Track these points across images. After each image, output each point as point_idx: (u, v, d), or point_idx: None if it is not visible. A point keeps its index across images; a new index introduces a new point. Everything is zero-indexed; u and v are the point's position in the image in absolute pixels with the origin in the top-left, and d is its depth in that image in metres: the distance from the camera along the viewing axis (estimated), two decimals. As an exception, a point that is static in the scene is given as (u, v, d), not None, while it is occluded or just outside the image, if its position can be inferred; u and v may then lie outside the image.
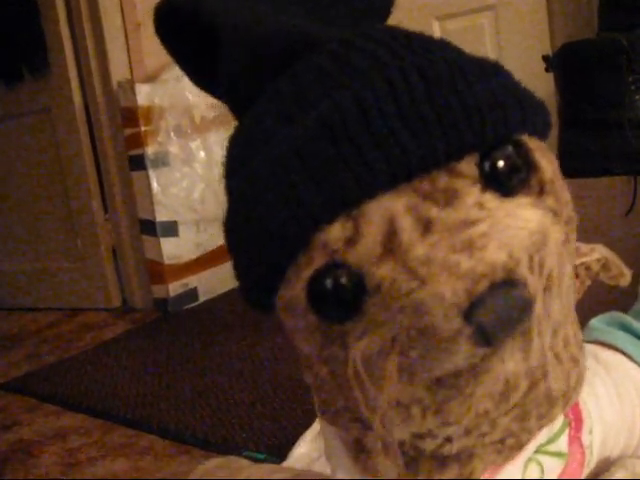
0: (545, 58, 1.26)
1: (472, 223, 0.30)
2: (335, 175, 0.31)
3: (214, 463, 0.60)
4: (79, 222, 2.21)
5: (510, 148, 0.33)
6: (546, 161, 0.34)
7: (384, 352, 0.30)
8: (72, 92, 2.10)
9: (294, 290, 0.33)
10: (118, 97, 2.03)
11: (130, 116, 2.00)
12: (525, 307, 0.29)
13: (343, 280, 0.31)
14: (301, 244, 0.32)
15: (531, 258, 0.29)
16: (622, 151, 1.10)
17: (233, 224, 0.36)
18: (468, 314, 0.28)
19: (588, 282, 0.42)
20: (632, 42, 1.15)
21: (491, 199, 0.31)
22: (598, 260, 0.42)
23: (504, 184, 0.32)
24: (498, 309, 0.28)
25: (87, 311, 2.21)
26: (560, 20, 1.82)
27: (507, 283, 0.28)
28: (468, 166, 0.31)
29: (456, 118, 0.31)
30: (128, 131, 2.02)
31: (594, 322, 0.52)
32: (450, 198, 0.31)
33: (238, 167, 0.36)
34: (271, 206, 0.32)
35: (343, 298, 0.31)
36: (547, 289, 0.31)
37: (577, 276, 0.40)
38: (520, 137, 0.33)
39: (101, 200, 2.19)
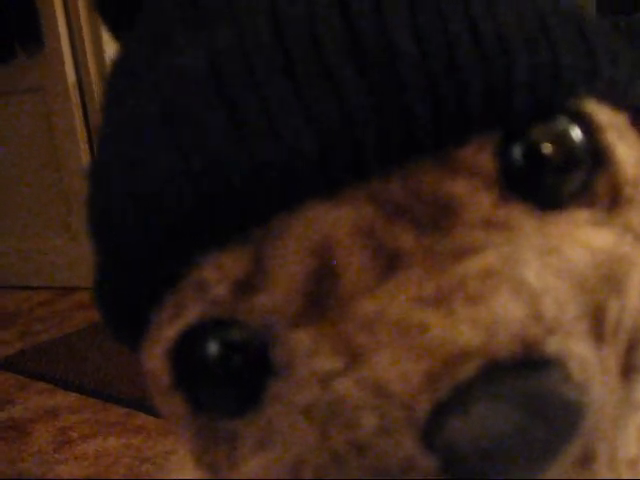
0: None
1: (470, 252, 0.16)
2: (220, 158, 0.17)
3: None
4: (73, 200, 2.20)
5: (562, 123, 0.18)
6: (626, 148, 0.19)
7: None
8: (65, 70, 2.08)
9: (153, 357, 0.20)
10: (112, 75, 2.01)
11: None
12: (569, 419, 0.15)
13: (231, 346, 0.18)
14: (166, 280, 0.19)
15: (590, 315, 0.16)
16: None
17: (88, 218, 0.22)
18: (430, 432, 0.15)
19: None
20: (630, 25, 1.15)
21: (518, 214, 0.17)
22: None
23: (547, 188, 0.18)
24: (498, 421, 0.14)
25: (81, 290, 2.20)
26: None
27: (524, 366, 0.15)
28: (477, 154, 0.17)
29: (454, 60, 0.17)
30: (122, 110, 2.00)
31: None
32: (438, 214, 0.17)
33: (100, 130, 0.23)
34: (116, 202, 0.19)
35: (234, 377, 0.18)
36: (629, 374, 0.17)
37: None
38: (583, 105, 0.19)
39: (95, 179, 2.18)
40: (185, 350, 0.19)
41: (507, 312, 0.15)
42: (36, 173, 2.27)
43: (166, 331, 0.19)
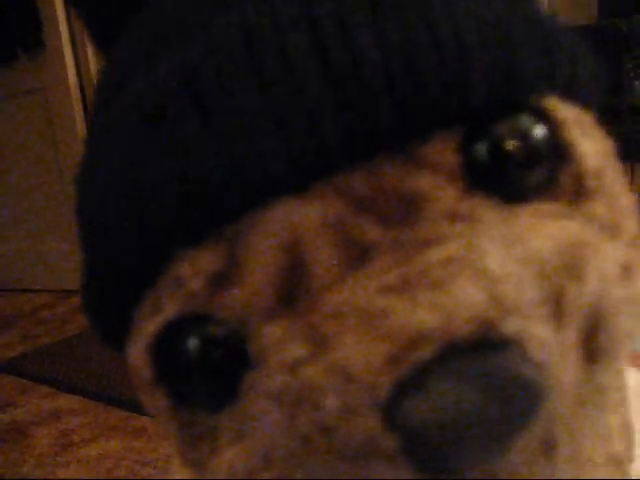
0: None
1: (434, 243, 0.17)
2: (196, 161, 0.18)
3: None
4: (74, 203, 2.20)
5: (525, 120, 0.19)
6: (590, 143, 0.20)
7: (254, 474, 0.18)
8: (67, 71, 2.08)
9: (134, 352, 0.21)
10: (114, 77, 2.01)
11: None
12: (528, 398, 0.15)
13: (209, 341, 0.18)
14: (145, 276, 0.19)
15: (550, 299, 0.16)
16: (619, 137, 1.09)
17: (77, 218, 0.23)
18: (391, 411, 0.15)
19: None
20: (631, 28, 1.15)
21: (481, 207, 0.18)
22: None
23: (510, 182, 0.18)
24: (456, 399, 0.15)
25: (82, 292, 2.20)
26: (559, 5, 1.81)
27: (481, 347, 0.15)
28: (441, 150, 0.18)
29: (415, 58, 0.17)
30: (124, 112, 2.00)
31: None
32: (404, 207, 0.17)
33: (90, 122, 0.24)
34: (100, 205, 0.20)
35: (209, 371, 0.19)
36: (593, 360, 0.17)
37: None
38: (543, 101, 0.19)
39: (96, 181, 2.18)
40: (165, 345, 0.19)
41: (466, 296, 0.15)
42: (37, 175, 2.27)
43: (146, 327, 0.19)
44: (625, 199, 0.20)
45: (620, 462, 0.23)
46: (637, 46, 1.14)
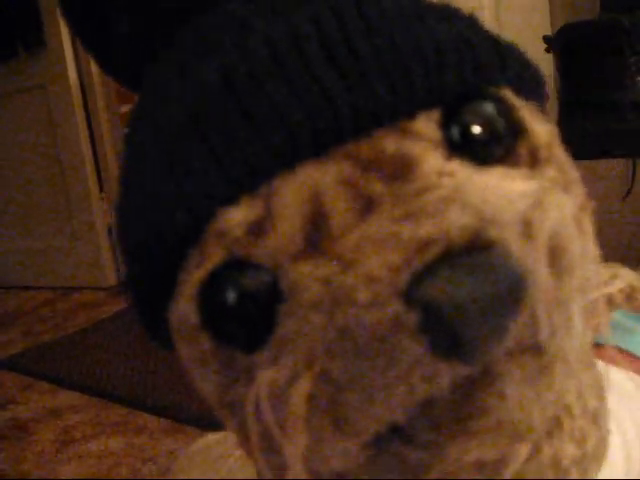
0: (546, 39, 1.25)
1: (428, 190, 0.21)
2: (234, 136, 0.23)
3: (213, 437, 0.61)
4: (74, 200, 2.20)
5: (487, 104, 0.24)
6: (538, 123, 0.26)
7: (294, 380, 0.21)
8: (67, 68, 2.08)
9: (182, 301, 0.24)
10: (114, 74, 2.01)
11: (126, 93, 1.98)
12: (514, 285, 0.19)
13: (248, 285, 0.22)
14: (192, 235, 0.23)
15: (520, 223, 0.20)
16: (622, 133, 1.09)
17: (118, 209, 0.28)
18: (409, 293, 0.19)
19: (609, 317, 0.30)
20: (634, 23, 1.14)
21: (460, 168, 0.23)
22: (621, 290, 0.33)
23: (480, 152, 0.24)
24: (461, 284, 0.18)
25: (82, 290, 2.20)
26: (561, 0, 1.80)
27: (475, 249, 0.19)
28: (426, 126, 0.23)
29: (404, 58, 0.23)
30: (124, 108, 2.00)
31: (618, 315, 0.40)
32: (401, 167, 0.22)
33: (129, 135, 0.29)
34: (153, 184, 0.25)
35: (250, 316, 0.22)
36: (558, 272, 0.21)
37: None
38: (501, 93, 0.25)
39: (97, 178, 2.17)
40: (209, 292, 0.23)
41: (458, 217, 0.20)
42: (38, 173, 2.27)
43: (192, 277, 0.23)
44: (573, 172, 0.26)
45: (596, 416, 0.26)
46: (639, 41, 1.14)
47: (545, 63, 1.27)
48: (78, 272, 2.24)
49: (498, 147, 0.24)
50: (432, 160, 0.22)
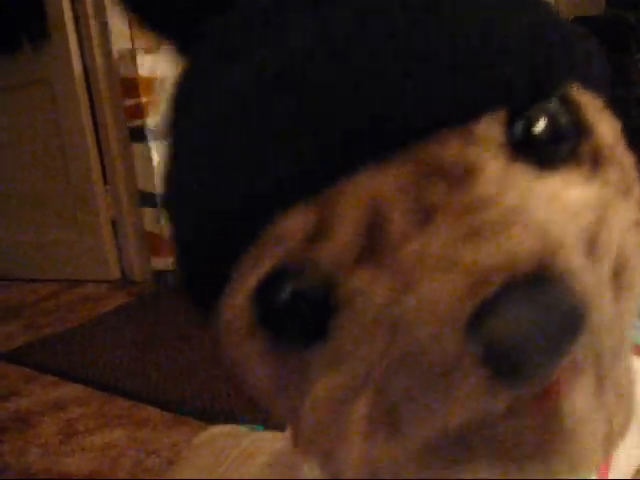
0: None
1: (488, 203, 0.21)
2: (293, 140, 0.22)
3: (218, 429, 0.61)
4: (79, 193, 2.20)
5: (554, 104, 0.23)
6: (603, 122, 0.25)
7: (354, 392, 0.22)
8: (72, 62, 2.08)
9: (237, 300, 0.24)
10: (119, 67, 2.01)
11: (131, 87, 1.98)
12: (576, 315, 0.19)
13: (303, 290, 0.22)
14: (247, 237, 0.23)
15: (586, 242, 0.20)
16: (628, 129, 1.09)
17: (166, 196, 0.28)
18: (472, 327, 0.19)
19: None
20: (639, 19, 1.14)
21: (522, 173, 0.22)
22: None
23: (543, 153, 0.23)
24: (524, 318, 0.19)
25: (86, 283, 2.21)
26: (567, -4, 1.79)
27: (539, 279, 0.19)
28: (490, 128, 0.22)
29: (472, 56, 0.22)
30: (129, 102, 2.00)
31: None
32: (462, 174, 0.21)
33: (173, 124, 0.28)
34: (205, 181, 0.24)
35: (303, 315, 0.23)
36: (619, 288, 0.21)
37: None
38: (567, 90, 0.24)
39: (101, 171, 2.17)
40: (264, 294, 0.23)
41: (522, 240, 0.19)
42: (42, 165, 2.27)
43: (250, 277, 0.23)
44: (632, 170, 0.26)
45: (623, 396, 0.25)
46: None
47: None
48: (82, 265, 2.25)
49: (562, 148, 0.23)
50: (494, 167, 0.22)
